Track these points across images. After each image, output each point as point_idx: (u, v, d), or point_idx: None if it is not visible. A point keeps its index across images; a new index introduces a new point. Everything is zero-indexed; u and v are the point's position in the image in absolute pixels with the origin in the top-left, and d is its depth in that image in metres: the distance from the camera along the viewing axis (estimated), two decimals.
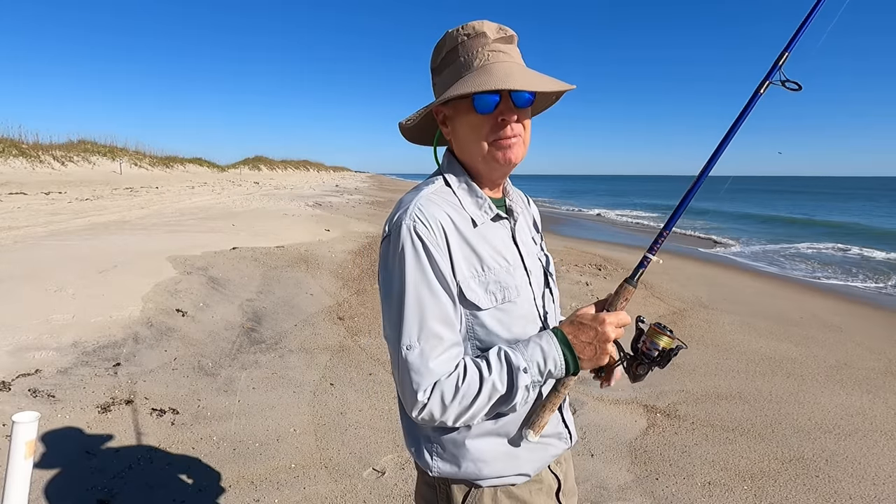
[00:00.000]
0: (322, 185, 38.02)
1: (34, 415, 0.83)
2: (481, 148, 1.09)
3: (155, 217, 11.50)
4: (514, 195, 1.24)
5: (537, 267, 1.20)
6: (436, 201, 1.07)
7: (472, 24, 1.09)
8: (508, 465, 1.11)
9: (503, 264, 1.10)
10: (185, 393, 3.56)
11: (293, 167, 76.39)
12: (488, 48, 1.08)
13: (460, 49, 1.09)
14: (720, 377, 4.30)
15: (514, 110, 1.06)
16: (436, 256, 1.01)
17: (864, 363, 4.72)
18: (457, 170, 1.15)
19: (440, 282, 1.01)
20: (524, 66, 1.11)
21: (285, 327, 5.04)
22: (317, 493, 2.65)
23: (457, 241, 1.05)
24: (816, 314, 6.53)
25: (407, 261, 1.01)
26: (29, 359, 3.65)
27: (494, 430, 1.10)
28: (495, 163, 1.09)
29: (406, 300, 1.00)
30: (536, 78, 1.08)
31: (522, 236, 1.20)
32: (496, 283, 1.07)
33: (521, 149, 1.11)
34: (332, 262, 7.63)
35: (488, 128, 1.07)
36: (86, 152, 31.82)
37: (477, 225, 1.09)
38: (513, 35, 1.12)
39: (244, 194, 21.33)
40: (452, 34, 1.10)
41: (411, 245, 1.01)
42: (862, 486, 2.84)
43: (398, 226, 1.03)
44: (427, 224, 1.02)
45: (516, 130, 1.08)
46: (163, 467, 2.75)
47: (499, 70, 1.04)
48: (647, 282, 7.75)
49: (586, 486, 2.79)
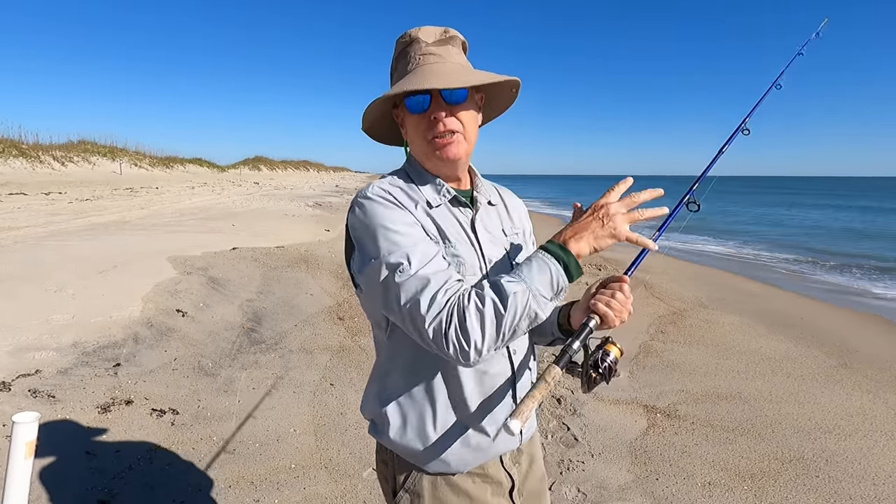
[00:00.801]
0: (322, 185, 38.03)
1: (34, 415, 0.83)
2: (423, 146, 1.14)
3: (155, 217, 11.50)
4: (484, 188, 1.26)
5: (498, 255, 1.18)
6: (394, 183, 1.14)
7: (409, 31, 1.15)
8: (449, 455, 1.13)
9: (464, 242, 1.12)
10: (185, 393, 3.56)
11: (293, 167, 76.39)
12: (420, 52, 1.12)
13: (401, 55, 1.16)
14: (720, 377, 4.30)
15: (444, 108, 1.10)
16: (399, 204, 1.07)
17: (863, 363, 4.72)
18: (414, 163, 1.20)
19: (406, 218, 1.06)
20: (459, 66, 1.14)
21: (285, 327, 5.04)
22: (317, 493, 2.65)
23: (415, 209, 1.10)
24: (817, 314, 6.53)
25: (373, 210, 1.06)
26: (29, 359, 3.65)
27: (439, 418, 1.13)
28: (437, 160, 1.14)
29: (379, 237, 1.02)
30: (464, 75, 1.11)
31: (487, 225, 1.20)
32: (454, 257, 1.09)
33: (462, 145, 1.13)
34: (332, 263, 7.63)
35: (424, 126, 1.12)
36: (86, 153, 31.84)
37: (433, 207, 1.13)
38: (454, 36, 1.16)
39: (244, 194, 21.33)
40: (397, 42, 1.17)
41: (371, 200, 1.07)
42: (862, 486, 2.84)
43: (357, 198, 1.11)
44: (384, 189, 1.10)
45: (450, 126, 1.10)
46: (163, 467, 2.75)
47: (425, 72, 1.10)
48: (647, 282, 7.76)
49: (586, 486, 2.79)
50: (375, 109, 1.18)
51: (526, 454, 1.28)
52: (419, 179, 1.17)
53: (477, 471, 1.17)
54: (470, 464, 1.15)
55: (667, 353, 4.81)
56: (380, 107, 1.17)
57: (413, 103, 1.10)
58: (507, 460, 1.22)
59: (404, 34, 1.15)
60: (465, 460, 1.14)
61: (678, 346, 5.05)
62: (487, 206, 1.24)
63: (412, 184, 1.16)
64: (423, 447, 1.13)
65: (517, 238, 1.27)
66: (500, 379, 1.15)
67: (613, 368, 1.10)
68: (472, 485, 1.16)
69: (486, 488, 1.17)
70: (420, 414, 1.13)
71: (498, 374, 1.15)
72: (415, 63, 1.12)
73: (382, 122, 1.25)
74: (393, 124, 1.24)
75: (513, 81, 1.19)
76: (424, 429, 1.12)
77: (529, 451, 1.29)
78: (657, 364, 4.54)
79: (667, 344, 5.09)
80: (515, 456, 1.24)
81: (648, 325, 5.71)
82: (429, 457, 1.13)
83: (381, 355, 1.21)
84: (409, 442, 1.13)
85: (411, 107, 1.10)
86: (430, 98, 1.09)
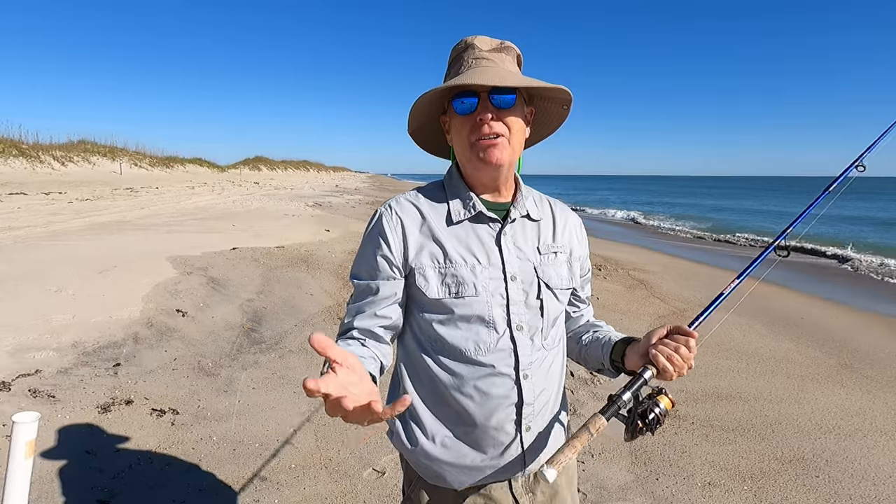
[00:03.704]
0: (322, 185, 38.03)
1: (34, 415, 0.83)
2: (466, 149, 1.12)
3: (155, 217, 11.50)
4: (527, 202, 1.20)
5: (525, 271, 1.14)
6: (415, 197, 1.19)
7: (465, 38, 1.15)
8: (445, 469, 1.14)
9: (469, 261, 1.11)
10: (185, 393, 3.56)
11: (293, 167, 76.40)
12: (474, 56, 1.12)
13: (455, 61, 1.16)
14: (720, 377, 4.30)
15: (492, 110, 1.08)
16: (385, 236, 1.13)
17: (863, 363, 4.72)
18: (453, 172, 1.20)
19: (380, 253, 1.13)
20: (510, 72, 1.12)
21: (285, 327, 5.04)
22: (317, 493, 2.65)
23: (419, 233, 1.13)
24: (817, 314, 6.53)
25: (369, 231, 1.17)
26: (29, 359, 3.65)
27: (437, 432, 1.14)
28: (479, 162, 1.11)
29: (354, 262, 1.19)
30: (516, 78, 1.10)
31: (517, 240, 1.16)
32: (453, 277, 1.10)
33: (506, 150, 1.10)
34: (332, 263, 7.63)
35: (469, 128, 1.11)
36: (86, 152, 31.85)
37: (453, 221, 1.14)
38: (509, 47, 1.15)
39: (244, 194, 21.33)
40: (453, 49, 1.17)
41: (377, 221, 1.16)
42: (862, 486, 2.84)
43: (377, 209, 1.19)
44: (392, 211, 1.15)
45: (496, 129, 1.09)
46: (163, 467, 2.75)
47: (475, 72, 1.09)
48: (647, 282, 7.76)
49: (586, 486, 2.79)
50: (422, 111, 1.16)
51: (546, 486, 1.20)
52: (452, 193, 1.17)
53: (480, 490, 1.15)
54: (465, 482, 1.14)
55: None
56: (426, 111, 1.16)
57: (460, 104, 1.09)
58: (518, 487, 1.17)
59: (460, 41, 1.15)
60: (459, 478, 1.14)
61: None
62: (525, 220, 1.19)
63: (441, 196, 1.18)
64: (422, 458, 1.14)
65: (554, 257, 1.19)
66: (503, 402, 1.11)
67: (661, 420, 1.06)
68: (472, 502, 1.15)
69: None
70: (421, 425, 1.15)
71: (502, 398, 1.11)
72: (467, 66, 1.11)
73: (429, 128, 1.23)
74: (439, 132, 1.23)
75: (564, 95, 1.16)
76: (424, 440, 1.14)
77: (553, 485, 1.21)
78: None
79: None
80: (530, 485, 1.18)
81: (649, 325, 5.71)
82: (427, 468, 1.15)
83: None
84: (411, 451, 1.16)
85: (458, 107, 1.10)
86: (477, 100, 1.08)
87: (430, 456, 1.14)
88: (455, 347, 1.10)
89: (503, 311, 1.11)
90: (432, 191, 1.20)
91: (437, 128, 1.23)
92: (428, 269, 1.11)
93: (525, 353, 1.11)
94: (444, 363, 1.11)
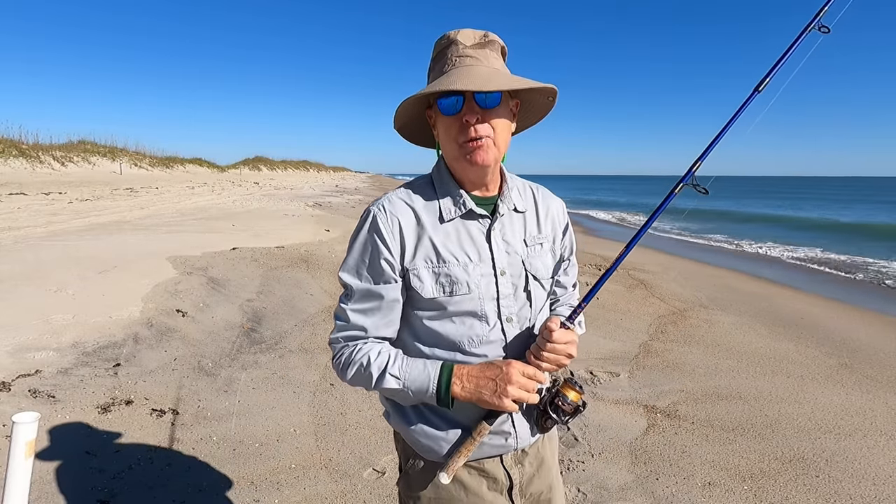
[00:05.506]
0: (322, 185, 38.05)
1: (34, 415, 0.83)
2: (453, 149, 1.13)
3: (155, 217, 11.51)
4: (513, 194, 1.23)
5: (513, 265, 1.18)
6: (407, 195, 1.18)
7: (448, 33, 1.14)
8: (441, 446, 1.18)
9: (461, 259, 1.14)
10: (185, 393, 3.56)
11: (293, 167, 76.43)
12: (457, 54, 1.12)
13: (438, 57, 1.15)
14: (720, 377, 4.30)
15: (477, 111, 1.08)
16: (384, 239, 1.13)
17: (863, 363, 4.72)
18: (441, 168, 1.21)
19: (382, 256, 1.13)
20: (495, 70, 1.12)
21: (285, 327, 5.04)
22: (317, 493, 2.65)
23: (414, 234, 1.14)
24: (817, 314, 6.53)
25: (364, 231, 1.16)
26: (29, 359, 3.65)
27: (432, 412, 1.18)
28: (465, 163, 1.12)
29: (347, 262, 1.17)
30: (499, 79, 1.09)
31: (506, 234, 1.19)
32: (447, 276, 1.13)
33: (492, 151, 1.11)
34: (332, 263, 7.63)
35: (456, 129, 1.11)
36: (86, 153, 31.87)
37: (444, 220, 1.15)
38: (493, 41, 1.15)
39: (244, 195, 21.34)
40: (436, 43, 1.17)
41: (374, 221, 1.15)
42: (862, 486, 2.84)
43: (370, 206, 1.18)
44: (387, 213, 1.15)
45: (481, 132, 1.09)
46: (163, 468, 2.75)
47: (460, 73, 1.08)
48: (647, 282, 7.76)
49: (586, 486, 2.79)
50: (408, 109, 1.17)
51: (533, 457, 1.27)
52: (441, 190, 1.18)
53: (474, 464, 1.20)
54: None
55: (667, 353, 4.81)
56: (413, 106, 1.17)
57: (445, 105, 1.09)
58: (508, 460, 1.23)
59: (443, 36, 1.15)
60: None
61: (678, 346, 5.05)
62: (512, 213, 1.22)
63: (431, 194, 1.18)
64: (421, 437, 1.19)
65: (539, 248, 1.24)
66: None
67: (568, 412, 1.14)
68: (468, 476, 1.20)
69: (483, 482, 1.21)
70: (418, 408, 1.20)
71: None
72: (451, 65, 1.11)
73: (416, 123, 1.24)
74: (426, 125, 1.24)
75: (549, 89, 1.17)
76: (420, 420, 1.19)
77: (539, 455, 1.28)
78: (657, 364, 4.54)
79: (667, 344, 5.09)
80: (518, 457, 1.24)
81: (648, 325, 5.71)
82: (424, 445, 1.19)
83: None
84: (409, 430, 1.20)
85: (444, 108, 1.10)
86: (462, 100, 1.08)
87: (428, 435, 1.18)
88: (449, 341, 1.15)
89: (494, 305, 1.16)
90: (422, 187, 1.20)
91: (424, 121, 1.23)
92: (422, 269, 1.13)
93: (514, 342, 1.18)
94: (438, 355, 1.16)
